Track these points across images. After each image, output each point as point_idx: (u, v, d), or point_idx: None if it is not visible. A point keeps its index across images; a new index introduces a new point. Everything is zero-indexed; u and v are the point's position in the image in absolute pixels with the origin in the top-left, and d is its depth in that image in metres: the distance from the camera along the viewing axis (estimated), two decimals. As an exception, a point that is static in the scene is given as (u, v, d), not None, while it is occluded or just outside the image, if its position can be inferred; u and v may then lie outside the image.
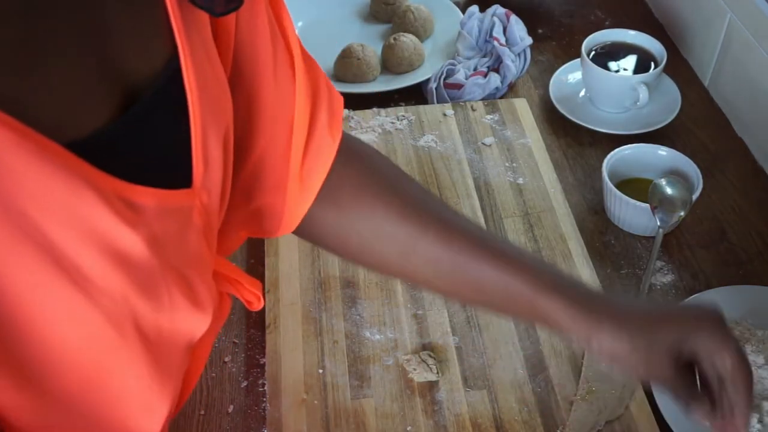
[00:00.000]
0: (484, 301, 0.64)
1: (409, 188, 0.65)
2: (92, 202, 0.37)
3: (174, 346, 0.48)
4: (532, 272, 0.59)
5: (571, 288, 0.59)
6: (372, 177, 0.64)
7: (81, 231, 0.38)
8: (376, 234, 0.62)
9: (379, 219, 0.62)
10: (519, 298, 0.59)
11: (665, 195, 0.86)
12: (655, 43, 1.04)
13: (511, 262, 0.59)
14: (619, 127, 1.01)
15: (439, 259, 0.61)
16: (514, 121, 1.02)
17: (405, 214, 0.61)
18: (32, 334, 0.37)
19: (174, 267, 0.45)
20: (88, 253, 0.38)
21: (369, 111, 1.04)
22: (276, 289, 0.83)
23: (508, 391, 0.74)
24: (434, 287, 0.66)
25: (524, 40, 1.10)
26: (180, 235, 0.45)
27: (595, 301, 0.58)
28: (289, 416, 0.72)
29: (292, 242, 0.87)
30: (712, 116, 1.05)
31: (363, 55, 1.09)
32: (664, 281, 0.85)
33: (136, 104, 0.41)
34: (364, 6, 1.25)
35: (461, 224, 0.63)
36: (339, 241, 0.65)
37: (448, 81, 1.07)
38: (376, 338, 0.78)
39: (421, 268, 0.62)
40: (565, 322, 0.57)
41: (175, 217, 0.45)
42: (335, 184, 0.61)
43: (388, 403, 0.73)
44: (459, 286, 0.62)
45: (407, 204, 0.62)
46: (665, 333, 0.57)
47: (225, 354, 0.79)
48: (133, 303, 0.42)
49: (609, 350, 0.57)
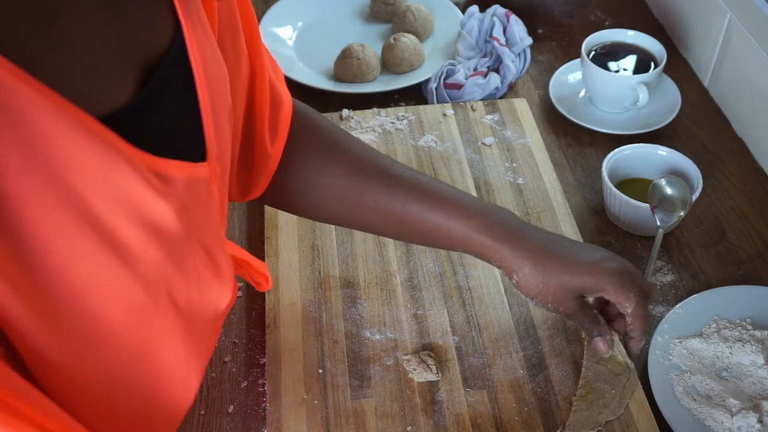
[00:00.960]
0: (426, 241, 0.71)
1: (348, 142, 0.71)
2: (128, 174, 0.39)
3: (202, 316, 0.50)
4: (467, 214, 0.67)
5: (499, 227, 0.67)
6: (315, 135, 0.70)
7: (119, 202, 0.39)
8: (324, 191, 0.69)
9: (325, 176, 0.68)
10: (455, 237, 0.68)
11: (665, 195, 0.86)
12: (654, 43, 1.04)
13: (448, 205, 0.67)
14: (619, 127, 1.01)
15: (383, 208, 0.68)
16: (514, 121, 1.02)
17: (349, 168, 0.68)
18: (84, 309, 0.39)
19: (198, 238, 0.47)
20: (127, 223, 0.40)
21: (369, 111, 1.04)
22: (276, 289, 0.83)
23: (508, 391, 0.74)
24: (382, 233, 0.74)
25: (524, 40, 1.10)
26: (202, 207, 0.48)
27: (520, 239, 0.67)
28: (289, 416, 0.72)
29: (292, 242, 0.87)
30: (712, 116, 1.05)
31: (363, 55, 1.09)
32: (664, 281, 0.85)
33: (152, 80, 0.43)
34: (364, 6, 1.25)
35: (401, 172, 0.69)
36: (290, 200, 0.71)
37: (448, 81, 1.07)
38: (376, 338, 0.78)
39: (369, 217, 0.69)
40: (494, 258, 0.67)
41: (198, 188, 0.47)
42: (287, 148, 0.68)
43: (388, 403, 0.73)
44: (403, 230, 0.70)
45: (350, 159, 0.69)
46: (575, 277, 0.66)
47: (225, 354, 0.78)
48: (167, 272, 0.44)
49: (525, 286, 0.67)
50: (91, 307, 0.39)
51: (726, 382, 0.73)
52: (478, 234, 0.67)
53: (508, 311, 0.80)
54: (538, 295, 0.68)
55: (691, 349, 0.76)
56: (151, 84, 0.43)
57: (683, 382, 0.73)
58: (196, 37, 0.47)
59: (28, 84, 0.34)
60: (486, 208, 0.69)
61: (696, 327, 0.78)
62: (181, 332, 0.47)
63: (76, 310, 0.39)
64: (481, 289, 0.83)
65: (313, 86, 1.07)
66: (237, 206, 0.93)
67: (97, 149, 0.38)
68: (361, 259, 0.86)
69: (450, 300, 0.82)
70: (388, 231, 0.72)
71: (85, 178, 0.37)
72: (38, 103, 0.35)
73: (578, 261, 0.67)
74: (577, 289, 0.67)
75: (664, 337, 0.77)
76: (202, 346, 0.51)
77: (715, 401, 0.72)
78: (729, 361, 0.75)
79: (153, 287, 0.43)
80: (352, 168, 0.68)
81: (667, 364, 0.75)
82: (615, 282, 0.67)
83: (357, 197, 0.68)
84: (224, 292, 0.52)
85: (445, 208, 0.67)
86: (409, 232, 0.70)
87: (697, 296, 0.80)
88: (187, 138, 0.47)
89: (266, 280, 0.71)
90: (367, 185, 0.68)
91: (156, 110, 0.43)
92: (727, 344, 0.75)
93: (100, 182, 0.38)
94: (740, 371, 0.74)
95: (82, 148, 0.37)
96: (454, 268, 0.85)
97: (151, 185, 0.41)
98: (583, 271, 0.67)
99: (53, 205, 0.36)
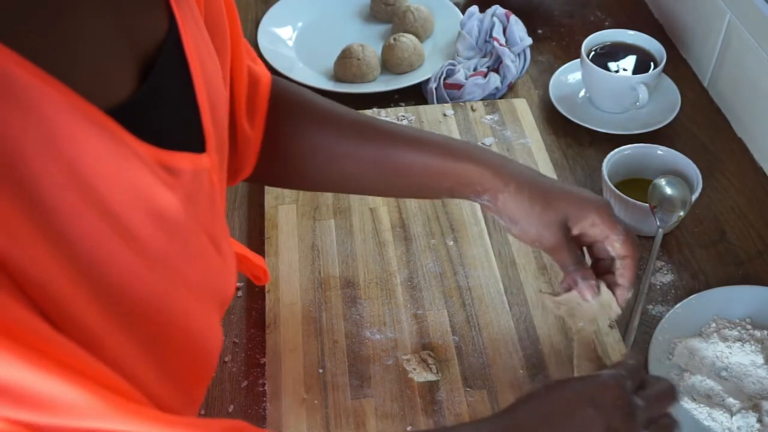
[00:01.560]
0: (411, 184, 0.69)
1: (315, 99, 0.71)
2: (137, 166, 0.40)
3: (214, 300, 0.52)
4: (446, 146, 0.67)
5: (482, 154, 0.67)
6: (292, 106, 0.70)
7: (129, 193, 0.40)
8: (300, 149, 0.69)
9: (299, 134, 0.69)
10: (440, 172, 0.66)
11: (665, 195, 0.86)
12: (654, 44, 1.04)
13: (427, 143, 0.67)
14: (618, 127, 1.01)
15: (362, 157, 0.68)
16: (514, 121, 1.02)
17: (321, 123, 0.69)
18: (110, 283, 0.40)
19: (203, 226, 0.48)
20: (135, 213, 0.41)
21: (369, 111, 1.04)
22: (276, 289, 0.83)
23: (508, 391, 0.74)
24: (364, 186, 0.72)
25: (524, 40, 1.10)
26: (207, 197, 0.49)
27: (505, 166, 0.66)
28: (289, 416, 0.72)
29: (292, 242, 0.87)
30: (711, 116, 1.05)
31: (363, 55, 1.09)
32: (664, 281, 0.85)
33: (152, 73, 0.43)
34: (364, 6, 1.25)
35: (373, 122, 0.69)
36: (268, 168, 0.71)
37: (448, 81, 1.07)
38: (376, 338, 0.78)
39: (348, 170, 0.69)
40: (480, 181, 0.66)
41: (202, 179, 0.48)
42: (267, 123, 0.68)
43: (388, 403, 0.73)
44: (385, 176, 0.69)
45: (320, 114, 0.69)
46: (559, 205, 0.65)
47: (225, 354, 0.78)
48: (174, 260, 0.45)
49: (510, 211, 0.65)
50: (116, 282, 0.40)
51: (726, 382, 0.73)
52: (460, 162, 0.66)
53: (508, 311, 0.81)
54: (521, 219, 0.65)
55: (691, 349, 0.76)
56: (150, 77, 0.43)
57: (683, 382, 0.73)
58: (189, 28, 0.47)
59: (40, 78, 0.35)
60: (466, 143, 0.69)
61: (696, 327, 0.78)
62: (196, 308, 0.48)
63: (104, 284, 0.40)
64: (481, 289, 0.83)
65: (313, 86, 1.07)
66: (237, 206, 0.94)
67: (107, 142, 0.38)
68: (361, 259, 0.86)
69: (450, 300, 0.82)
70: (367, 180, 0.70)
71: (97, 170, 0.38)
72: (50, 97, 0.35)
73: (564, 189, 0.67)
74: (561, 215, 0.65)
75: (664, 337, 0.77)
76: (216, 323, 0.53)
77: (714, 401, 0.72)
78: (729, 360, 0.75)
79: (160, 271, 0.44)
80: (325, 123, 0.69)
81: (667, 364, 0.75)
82: (602, 211, 0.65)
83: (332, 149, 0.68)
84: (230, 278, 0.54)
85: (423, 144, 0.67)
86: (386, 175, 0.69)
87: (697, 296, 0.80)
88: (187, 130, 0.48)
89: (264, 273, 0.71)
90: (342, 136, 0.68)
91: (157, 103, 0.44)
92: (726, 344, 0.75)
93: (112, 174, 0.39)
94: (740, 371, 0.74)
95: (93, 140, 0.37)
96: (454, 268, 0.85)
97: (159, 177, 0.42)
98: (569, 199, 0.66)
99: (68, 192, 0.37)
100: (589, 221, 0.66)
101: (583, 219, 0.66)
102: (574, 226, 0.66)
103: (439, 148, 0.67)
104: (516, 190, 0.65)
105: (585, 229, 0.66)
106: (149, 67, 0.44)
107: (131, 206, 0.40)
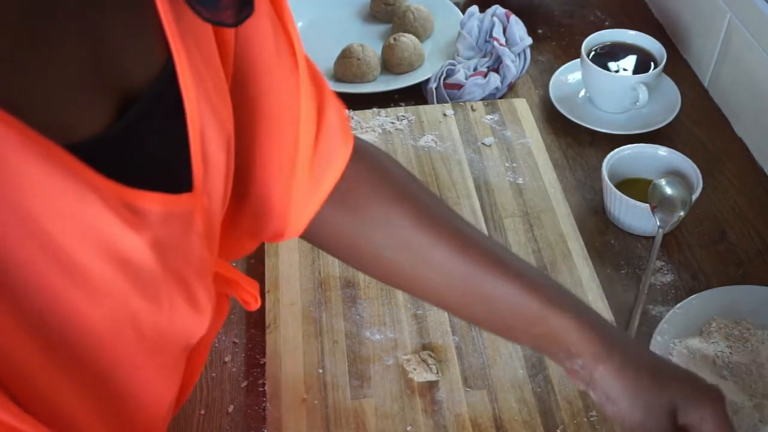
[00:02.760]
0: (493, 317, 0.61)
1: (421, 194, 0.63)
2: (97, 207, 0.37)
3: (172, 345, 0.48)
4: (548, 291, 0.57)
5: (586, 312, 0.57)
6: (386, 181, 0.62)
7: (86, 236, 0.38)
8: (390, 241, 0.61)
9: (394, 225, 0.60)
10: (531, 316, 0.57)
11: (665, 195, 0.86)
12: (654, 44, 1.04)
13: (527, 278, 0.58)
14: (618, 127, 1.01)
15: (453, 270, 0.59)
16: (514, 121, 1.02)
17: (420, 220, 0.60)
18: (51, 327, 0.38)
19: (175, 271, 0.45)
20: (91, 255, 0.38)
21: (369, 111, 1.04)
22: (276, 289, 0.83)
23: (508, 391, 0.74)
24: (444, 301, 0.64)
25: (524, 40, 1.10)
26: (182, 239, 0.45)
27: (608, 329, 0.57)
28: (289, 416, 0.72)
29: (292, 242, 0.87)
30: (711, 116, 1.05)
31: (363, 55, 1.09)
32: (663, 281, 0.85)
33: (133, 108, 0.41)
34: (364, 6, 1.25)
35: (475, 235, 0.61)
36: (350, 247, 0.63)
37: (447, 81, 1.07)
38: (376, 338, 0.78)
39: (434, 279, 0.60)
40: (578, 342, 0.56)
41: (178, 221, 0.45)
42: (348, 187, 0.60)
43: (388, 403, 0.73)
44: (470, 299, 0.60)
45: (421, 211, 0.61)
46: (671, 390, 0.55)
47: (225, 354, 0.79)
48: (133, 305, 0.42)
49: (608, 386, 0.55)
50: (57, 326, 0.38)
51: (726, 382, 0.73)
52: (563, 312, 0.56)
53: (508, 311, 0.80)
54: (622, 398, 0.55)
55: (691, 349, 0.76)
56: (131, 112, 0.41)
57: (683, 382, 0.73)
58: (191, 65, 0.44)
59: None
60: (569, 292, 0.60)
61: (696, 327, 0.78)
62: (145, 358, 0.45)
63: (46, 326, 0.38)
64: (481, 289, 0.83)
65: (313, 86, 1.07)
66: (237, 206, 0.93)
67: (62, 180, 0.36)
68: (361, 259, 0.86)
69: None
70: (454, 298, 0.62)
71: (47, 209, 0.36)
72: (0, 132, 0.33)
73: (677, 371, 0.58)
74: (671, 402, 0.55)
75: (664, 337, 0.77)
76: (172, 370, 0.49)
77: (715, 401, 0.72)
78: (729, 360, 0.75)
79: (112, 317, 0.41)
80: (424, 221, 0.60)
81: (667, 364, 0.75)
82: (717, 406, 0.55)
83: (426, 252, 0.60)
84: (199, 324, 0.49)
85: (525, 280, 0.58)
86: (476, 301, 0.60)
87: (697, 296, 0.80)
88: (171, 168, 0.45)
89: (255, 300, 0.64)
90: (439, 242, 0.59)
91: (133, 140, 0.41)
92: (727, 344, 0.75)
93: (65, 214, 0.36)
94: (740, 371, 0.74)
95: (46, 179, 0.35)
96: (454, 268, 0.85)
97: (121, 218, 0.39)
98: (682, 384, 0.56)
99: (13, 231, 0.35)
100: (700, 415, 0.55)
101: (694, 411, 0.55)
102: (681, 416, 0.55)
103: (539, 289, 0.57)
104: (621, 364, 0.55)
105: (693, 422, 0.55)
106: (135, 101, 0.41)
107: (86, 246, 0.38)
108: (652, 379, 0.55)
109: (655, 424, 0.55)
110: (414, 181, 0.64)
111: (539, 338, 0.58)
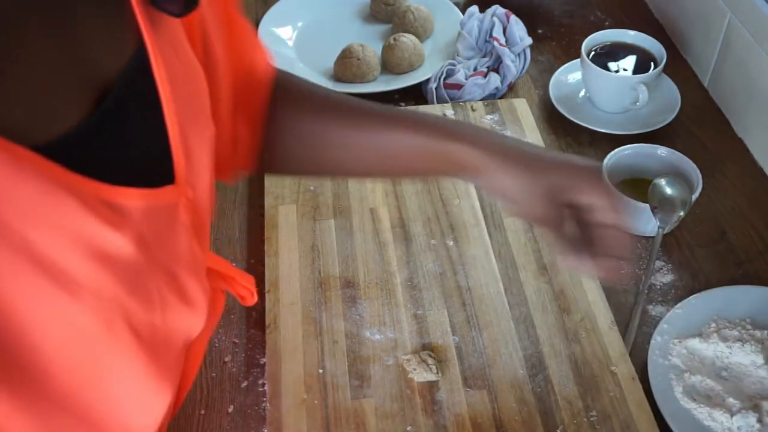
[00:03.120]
0: (402, 166, 0.68)
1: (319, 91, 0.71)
2: (73, 208, 0.37)
3: (169, 344, 0.48)
4: (441, 128, 0.65)
5: (475, 132, 0.64)
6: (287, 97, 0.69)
7: (64, 236, 0.37)
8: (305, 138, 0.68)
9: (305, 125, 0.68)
10: (434, 151, 0.64)
11: (665, 195, 0.86)
12: (654, 44, 1.04)
13: (420, 124, 0.65)
14: (618, 127, 1.01)
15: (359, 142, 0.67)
16: (514, 121, 1.02)
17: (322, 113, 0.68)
18: (24, 339, 0.37)
19: (163, 266, 0.45)
20: (74, 256, 0.38)
21: (369, 111, 1.04)
22: (276, 289, 0.83)
23: (508, 391, 0.74)
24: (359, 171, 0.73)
25: (524, 40, 1.10)
26: (168, 234, 0.45)
27: (494, 143, 0.63)
28: (289, 416, 0.72)
29: (292, 242, 0.87)
30: (711, 116, 1.05)
31: (363, 55, 1.09)
32: (664, 281, 0.85)
33: (106, 101, 0.40)
34: (364, 6, 1.26)
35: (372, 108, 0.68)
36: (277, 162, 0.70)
37: (447, 81, 1.07)
38: (376, 338, 0.78)
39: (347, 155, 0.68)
40: (470, 162, 0.62)
41: (161, 215, 0.44)
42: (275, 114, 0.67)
43: (388, 403, 0.73)
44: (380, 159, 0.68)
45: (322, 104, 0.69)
46: (549, 175, 0.61)
47: (225, 354, 0.79)
48: (124, 303, 0.41)
49: (500, 188, 0.63)
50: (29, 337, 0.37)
51: (726, 382, 0.73)
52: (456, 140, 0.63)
53: (508, 311, 0.81)
54: (511, 194, 0.62)
55: (690, 349, 0.76)
56: (104, 105, 0.40)
57: (683, 382, 0.73)
58: (163, 54, 0.44)
59: None
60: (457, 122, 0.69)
61: (696, 327, 0.78)
62: (142, 359, 0.45)
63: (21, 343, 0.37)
64: (481, 289, 0.83)
65: (313, 86, 1.07)
66: (237, 206, 0.94)
67: (35, 185, 0.35)
68: (361, 259, 0.86)
69: (450, 300, 0.82)
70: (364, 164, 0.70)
71: (20, 215, 0.35)
72: None
73: (551, 157, 0.63)
74: (549, 186, 0.61)
75: (663, 337, 0.77)
76: (168, 371, 0.49)
77: (714, 401, 0.72)
78: (729, 360, 0.75)
79: (106, 318, 0.41)
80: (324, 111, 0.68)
81: (667, 364, 0.75)
82: (591, 177, 0.61)
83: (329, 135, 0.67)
84: (195, 319, 0.49)
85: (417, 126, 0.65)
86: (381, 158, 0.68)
87: (696, 296, 0.80)
88: (151, 162, 0.45)
89: (251, 294, 0.67)
90: (339, 123, 0.67)
91: (108, 135, 0.41)
92: (726, 344, 0.75)
93: (38, 217, 0.36)
94: (740, 371, 0.74)
95: (14, 183, 0.34)
96: (454, 268, 0.85)
97: (100, 216, 0.38)
98: (557, 167, 0.62)
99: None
100: (577, 189, 0.61)
101: (571, 188, 0.61)
102: (562, 196, 0.61)
103: (430, 129, 0.64)
104: (502, 165, 0.61)
105: (575, 198, 0.61)
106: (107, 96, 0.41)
107: (66, 247, 0.37)
108: (529, 169, 0.61)
109: (538, 208, 0.62)
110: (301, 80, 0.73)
111: (444, 167, 0.65)
